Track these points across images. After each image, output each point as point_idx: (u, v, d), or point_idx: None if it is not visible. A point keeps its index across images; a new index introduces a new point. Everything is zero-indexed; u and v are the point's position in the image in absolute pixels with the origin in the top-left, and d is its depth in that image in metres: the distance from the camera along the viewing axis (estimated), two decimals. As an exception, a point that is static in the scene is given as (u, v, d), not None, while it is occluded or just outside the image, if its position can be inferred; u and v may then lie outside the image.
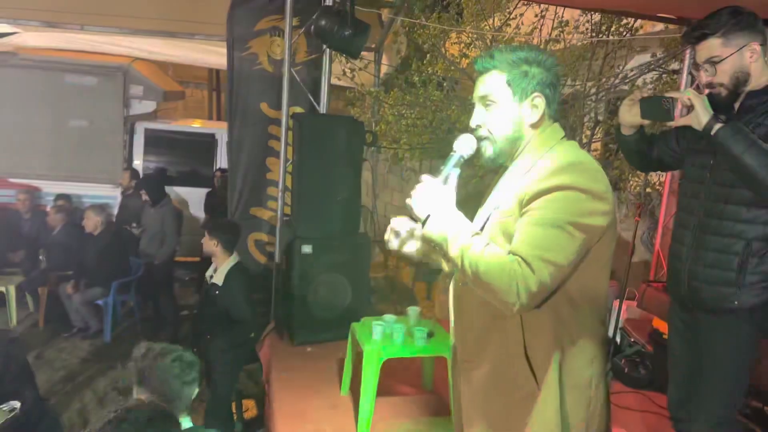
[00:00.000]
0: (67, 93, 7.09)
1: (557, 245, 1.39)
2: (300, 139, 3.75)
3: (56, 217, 6.29)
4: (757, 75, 1.98)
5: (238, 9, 4.42)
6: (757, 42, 1.96)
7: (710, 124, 1.91)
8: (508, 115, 1.56)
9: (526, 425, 1.52)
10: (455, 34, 6.64)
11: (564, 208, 1.41)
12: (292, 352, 3.77)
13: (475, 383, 1.61)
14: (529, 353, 1.51)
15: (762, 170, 1.83)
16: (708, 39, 1.98)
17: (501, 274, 1.39)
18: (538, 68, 1.55)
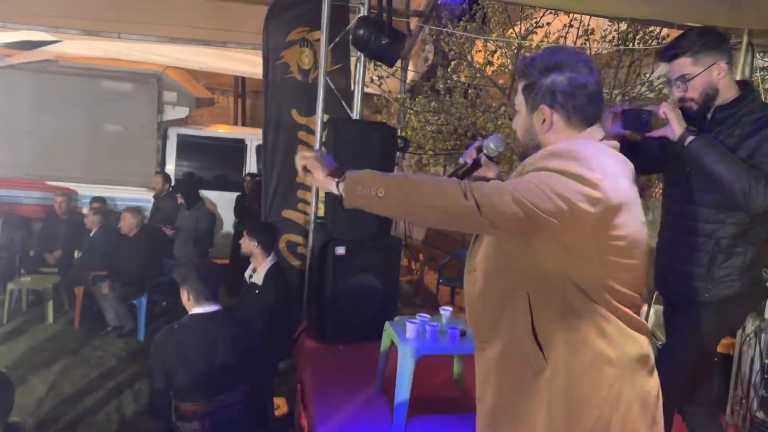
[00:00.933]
0: (103, 99, 7.33)
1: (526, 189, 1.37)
2: (335, 144, 3.88)
3: (93, 218, 6.49)
4: (725, 91, 2.16)
5: (272, 20, 4.58)
6: (724, 61, 2.15)
7: (683, 135, 2.10)
8: (524, 125, 1.62)
9: (535, 400, 1.56)
10: (481, 43, 6.75)
11: (546, 182, 1.38)
12: (325, 350, 3.88)
13: (488, 361, 1.67)
14: (537, 332, 1.54)
15: (730, 178, 2.01)
16: (680, 58, 2.16)
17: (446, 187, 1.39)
18: (552, 75, 1.53)
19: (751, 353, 3.15)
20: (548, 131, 1.56)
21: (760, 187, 1.99)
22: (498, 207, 1.36)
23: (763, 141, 2.06)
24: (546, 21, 6.13)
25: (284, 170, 4.71)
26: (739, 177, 2.01)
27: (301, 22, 4.57)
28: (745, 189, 2.00)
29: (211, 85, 11.80)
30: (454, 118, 6.87)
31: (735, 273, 2.17)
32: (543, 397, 1.55)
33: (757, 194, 1.99)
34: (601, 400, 1.54)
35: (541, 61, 1.55)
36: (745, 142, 2.09)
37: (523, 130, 1.62)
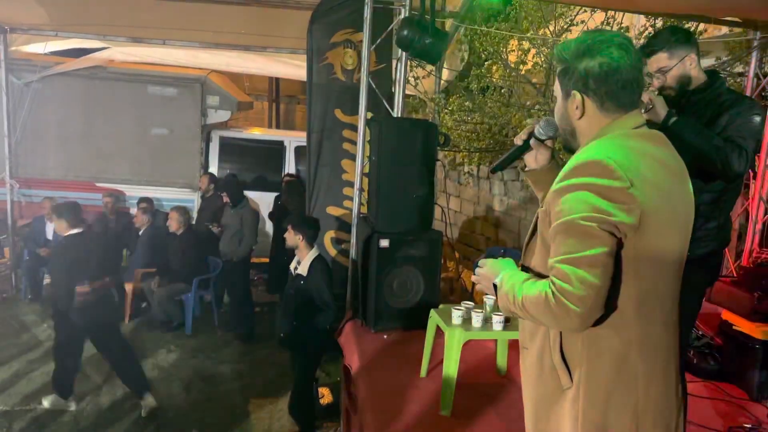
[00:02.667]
0: (149, 103, 7.62)
1: (576, 243, 1.41)
2: (379, 141, 4.02)
3: (142, 218, 6.77)
4: (696, 78, 2.53)
5: (316, 23, 4.75)
6: (694, 53, 2.51)
7: (667, 117, 2.41)
8: (560, 110, 1.64)
9: (564, 413, 1.56)
10: (515, 42, 6.83)
11: (577, 207, 1.42)
12: (371, 338, 4.02)
13: (528, 366, 1.71)
14: (564, 349, 1.55)
15: (710, 150, 2.34)
16: (657, 53, 2.51)
17: (539, 303, 1.45)
18: (585, 61, 1.52)
19: (794, 340, 3.20)
20: (582, 117, 1.57)
21: (734, 156, 2.33)
22: (592, 293, 1.39)
23: (732, 118, 2.41)
24: (580, 19, 6.18)
25: (330, 168, 4.87)
26: (717, 149, 2.34)
27: (345, 23, 4.73)
28: (722, 159, 2.34)
29: (247, 89, 12.11)
30: (488, 117, 6.97)
31: (711, 234, 2.51)
32: (570, 414, 1.55)
33: (732, 162, 2.33)
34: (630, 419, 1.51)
35: (576, 45, 1.55)
36: (717, 119, 2.44)
37: (559, 116, 1.64)
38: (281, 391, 4.96)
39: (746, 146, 2.35)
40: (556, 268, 1.43)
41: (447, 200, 9.45)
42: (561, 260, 1.43)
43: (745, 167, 2.38)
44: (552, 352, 1.57)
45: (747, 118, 2.41)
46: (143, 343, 5.94)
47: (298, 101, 14.29)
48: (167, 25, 6.69)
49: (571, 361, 1.54)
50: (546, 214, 1.57)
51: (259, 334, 6.19)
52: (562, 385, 1.55)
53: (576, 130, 1.61)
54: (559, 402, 1.57)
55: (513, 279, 1.58)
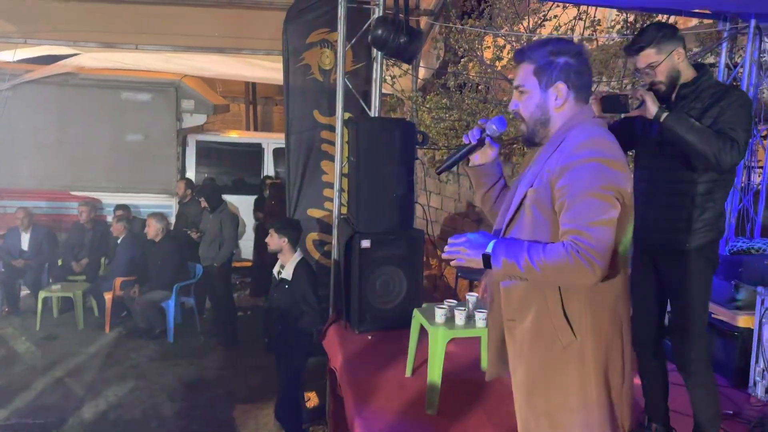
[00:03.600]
0: (123, 109, 7.53)
1: (598, 207, 1.61)
2: (357, 141, 4.01)
3: (118, 226, 6.67)
4: (685, 71, 2.54)
5: (291, 23, 4.69)
6: (681, 47, 2.52)
7: (659, 113, 2.44)
8: (536, 101, 1.80)
9: (567, 369, 1.75)
10: (490, 39, 6.86)
11: (590, 177, 1.63)
12: (355, 339, 4.00)
13: (519, 338, 1.82)
14: (566, 309, 1.73)
15: (702, 144, 2.37)
16: (645, 50, 2.52)
17: (564, 261, 1.59)
18: (563, 57, 1.76)
19: (771, 326, 3.25)
20: (561, 106, 1.79)
21: (726, 148, 2.36)
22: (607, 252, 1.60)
23: (722, 110, 2.44)
24: (554, 14, 6.23)
25: (309, 170, 4.83)
26: (709, 142, 2.37)
27: (321, 23, 4.67)
28: (715, 152, 2.36)
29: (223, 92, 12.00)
30: (465, 113, 6.99)
31: (708, 224, 2.54)
32: (575, 366, 1.74)
33: (725, 155, 2.36)
34: (619, 364, 1.78)
35: (552, 46, 1.79)
36: (707, 112, 2.46)
37: (534, 106, 1.80)
38: (267, 396, 4.92)
39: (738, 137, 2.37)
40: (579, 231, 1.60)
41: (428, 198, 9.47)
42: (585, 224, 1.60)
43: (738, 158, 2.40)
44: (552, 315, 1.73)
45: (738, 110, 2.43)
46: (125, 352, 5.87)
47: (275, 103, 14.21)
48: (139, 30, 6.62)
49: (573, 318, 1.72)
50: (541, 191, 1.73)
51: (243, 339, 6.15)
52: (563, 344, 1.72)
53: (550, 120, 1.80)
54: (561, 361, 1.74)
55: (513, 246, 1.69)
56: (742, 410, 3.16)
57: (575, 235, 1.60)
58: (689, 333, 2.55)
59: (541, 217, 1.74)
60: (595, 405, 1.74)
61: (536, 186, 1.75)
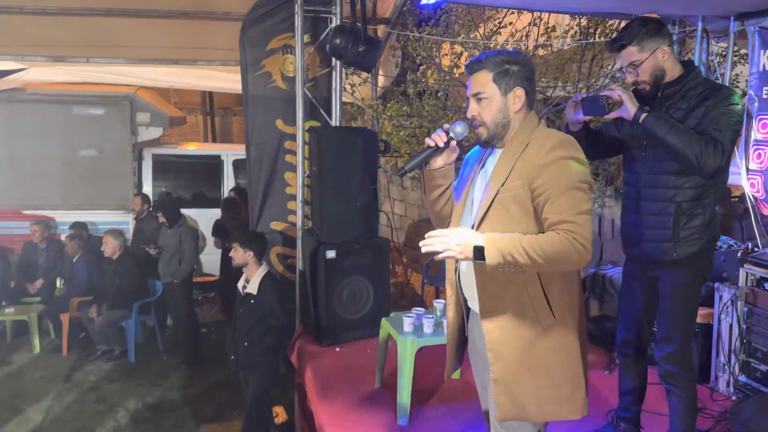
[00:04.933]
0: (75, 124, 7.29)
1: (580, 200, 1.80)
2: (319, 151, 3.97)
3: (72, 244, 6.47)
4: (671, 70, 2.42)
5: (249, 31, 4.61)
6: (666, 44, 2.39)
7: (638, 113, 2.34)
8: (497, 106, 1.93)
9: (549, 348, 1.90)
10: (447, 46, 6.92)
11: (569, 173, 1.81)
12: (323, 352, 3.95)
13: (497, 329, 1.92)
14: (547, 293, 1.88)
15: (683, 146, 2.26)
16: (627, 48, 2.41)
17: (563, 247, 1.75)
18: (517, 66, 1.92)
19: (729, 320, 3.34)
20: (519, 109, 1.94)
21: (709, 150, 2.24)
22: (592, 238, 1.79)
23: (708, 110, 2.32)
24: (508, 20, 6.31)
25: (272, 181, 4.74)
26: (690, 144, 2.25)
27: (282, 29, 4.54)
28: (696, 154, 2.24)
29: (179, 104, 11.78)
30: (426, 120, 7.01)
31: (697, 232, 2.42)
32: (560, 344, 1.91)
33: (707, 157, 2.24)
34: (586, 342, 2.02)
35: (505, 55, 1.95)
36: (692, 112, 2.35)
37: (496, 111, 1.93)
38: (234, 413, 4.82)
39: (722, 139, 2.24)
40: (569, 221, 1.76)
41: (392, 205, 9.48)
42: (573, 213, 1.77)
43: (722, 161, 2.26)
44: (533, 301, 1.88)
45: (723, 109, 2.29)
46: (84, 375, 5.67)
47: (234, 113, 14.01)
48: (90, 43, 6.42)
49: (553, 301, 1.88)
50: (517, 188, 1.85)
51: (208, 355, 6.01)
52: (543, 326, 1.88)
53: (511, 122, 1.95)
54: (542, 342, 1.89)
55: (506, 239, 1.78)
56: (707, 405, 3.22)
57: (567, 224, 1.76)
58: (674, 343, 2.50)
59: (518, 212, 1.86)
60: (580, 378, 1.94)
61: (510, 183, 1.87)
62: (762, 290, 3.17)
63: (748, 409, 2.65)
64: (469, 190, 2.04)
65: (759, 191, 4.31)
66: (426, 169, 2.04)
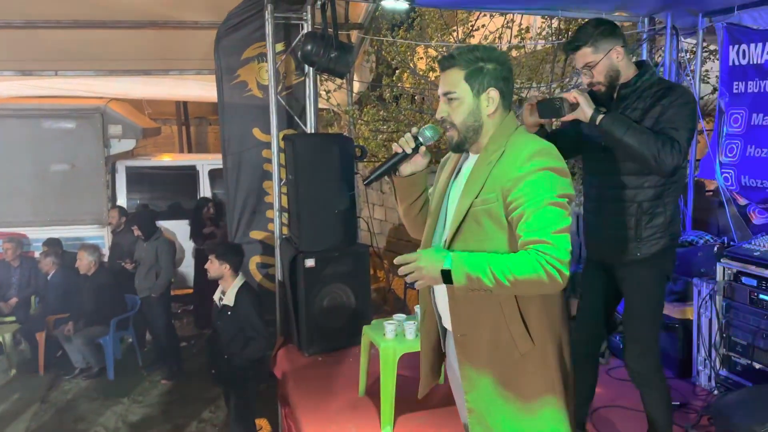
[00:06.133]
0: (46, 138, 7.14)
1: (557, 216, 1.61)
2: (294, 159, 3.93)
3: (46, 261, 6.31)
4: (625, 70, 2.42)
5: (223, 40, 4.56)
6: (620, 45, 2.39)
7: (594, 115, 2.32)
8: (468, 108, 1.76)
9: (528, 378, 1.75)
10: (422, 49, 6.92)
11: (546, 186, 1.63)
12: (306, 363, 3.91)
13: (473, 353, 1.78)
14: (524, 317, 1.73)
15: (640, 146, 2.25)
16: (581, 49, 2.40)
17: (534, 272, 1.56)
18: (492, 64, 1.75)
19: (708, 315, 3.36)
20: (493, 112, 1.77)
21: (666, 149, 2.24)
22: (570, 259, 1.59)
23: (664, 109, 2.32)
24: (481, 23, 6.33)
25: (251, 191, 4.69)
26: (648, 144, 2.24)
27: (257, 37, 4.51)
28: (654, 154, 2.24)
29: (153, 114, 11.64)
30: (403, 124, 7.00)
31: (659, 231, 2.42)
32: (538, 372, 1.76)
33: (665, 157, 2.24)
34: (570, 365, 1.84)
35: (480, 52, 1.77)
36: (649, 112, 2.35)
37: (467, 113, 1.76)
38: (216, 428, 4.74)
39: (679, 138, 2.26)
40: (542, 241, 1.58)
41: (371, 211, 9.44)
42: (549, 232, 1.58)
43: (680, 160, 2.27)
44: (510, 324, 1.72)
45: (679, 108, 2.31)
46: (62, 394, 5.53)
47: (209, 123, 13.87)
48: (58, 56, 6.31)
49: (531, 325, 1.73)
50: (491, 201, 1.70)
51: (188, 370, 5.90)
52: (521, 352, 1.73)
53: (483, 126, 1.78)
54: (523, 370, 1.74)
55: (474, 259, 1.62)
56: (689, 400, 3.24)
57: (539, 244, 1.57)
58: (641, 344, 2.49)
59: (492, 228, 1.71)
60: (562, 409, 1.79)
61: (484, 196, 1.72)
62: (739, 284, 3.19)
63: (730, 403, 2.66)
64: (442, 199, 1.88)
65: (732, 184, 4.36)
66: (396, 177, 1.90)
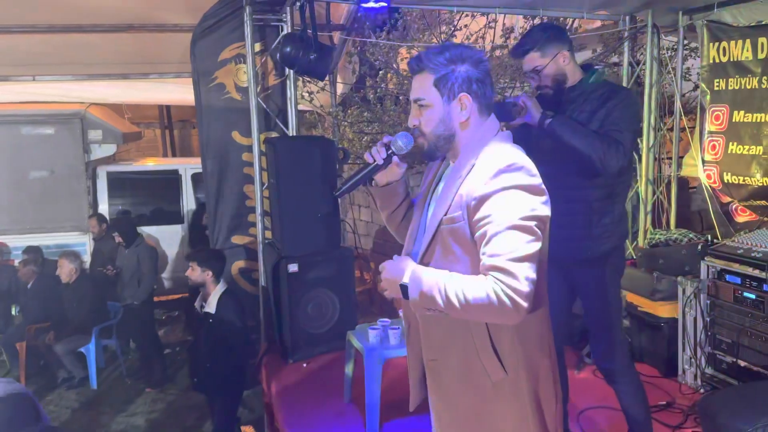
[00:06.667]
0: (24, 145, 7.02)
1: (519, 242, 1.47)
2: (276, 163, 3.88)
3: (26, 270, 6.21)
4: (572, 74, 2.48)
5: (199, 42, 4.50)
6: (566, 49, 2.45)
7: (542, 119, 2.37)
8: (439, 115, 1.63)
9: (501, 411, 1.62)
10: (405, 50, 6.89)
11: (512, 208, 1.49)
12: (290, 369, 3.86)
13: (443, 380, 1.68)
14: (495, 345, 1.60)
15: (587, 148, 2.30)
16: (529, 53, 2.45)
17: (486, 299, 1.44)
18: (464, 65, 1.60)
19: (693, 314, 3.35)
20: (466, 120, 1.64)
21: (611, 151, 2.29)
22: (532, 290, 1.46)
23: (609, 112, 2.38)
24: (464, 23, 6.31)
25: (233, 195, 4.62)
26: (593, 146, 2.29)
27: (234, 38, 4.43)
28: (600, 156, 2.29)
29: (135, 118, 11.50)
30: (387, 125, 6.97)
31: (609, 230, 2.47)
32: (509, 403, 1.62)
33: (610, 159, 2.29)
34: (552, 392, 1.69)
35: (450, 52, 1.61)
36: (595, 114, 2.40)
37: (438, 121, 1.63)
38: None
39: (623, 139, 2.31)
40: (500, 268, 1.45)
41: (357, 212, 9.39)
42: (507, 258, 1.45)
43: (624, 161, 2.34)
44: (481, 353, 1.60)
45: (622, 111, 2.37)
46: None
47: (193, 126, 13.73)
48: (35, 61, 6.20)
49: (503, 354, 1.59)
50: (458, 220, 1.58)
51: (173, 377, 5.83)
52: (493, 381, 1.60)
53: (456, 135, 1.65)
54: (494, 400, 1.61)
55: (431, 277, 1.54)
56: (675, 399, 3.23)
57: (497, 272, 1.45)
58: (608, 343, 2.52)
59: (459, 249, 1.60)
60: None
61: (451, 214, 1.60)
62: (723, 282, 3.19)
63: (717, 402, 2.64)
64: (423, 209, 1.77)
65: (715, 182, 4.37)
66: (372, 187, 1.81)
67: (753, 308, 3.02)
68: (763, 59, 3.92)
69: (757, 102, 3.97)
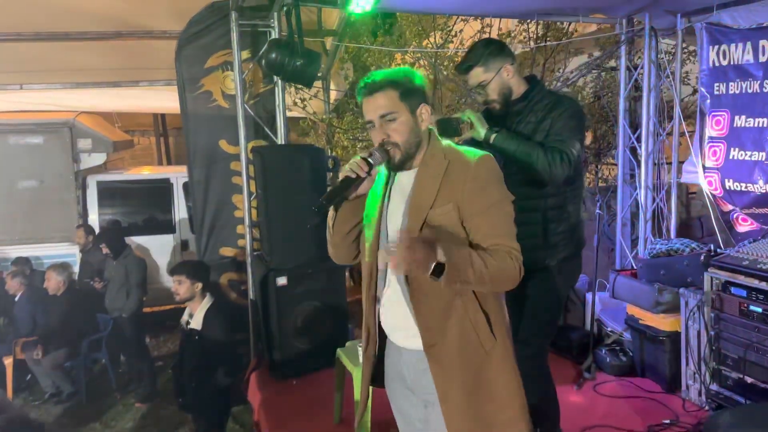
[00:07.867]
0: (12, 154, 6.90)
1: (511, 219, 1.82)
2: (263, 172, 3.76)
3: (13, 282, 6.07)
4: (516, 87, 2.52)
5: (185, 49, 4.39)
6: (509, 63, 2.49)
7: (487, 134, 2.42)
8: (410, 125, 1.81)
9: (494, 375, 1.82)
10: (399, 56, 6.79)
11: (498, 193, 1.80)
12: (279, 388, 3.73)
13: (446, 359, 1.80)
14: (486, 311, 1.81)
15: (532, 161, 2.36)
16: (473, 69, 2.49)
17: (512, 267, 1.74)
18: (415, 81, 1.83)
19: (697, 327, 3.22)
20: (426, 127, 1.86)
21: (556, 161, 2.35)
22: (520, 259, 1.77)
23: (553, 122, 2.43)
24: (459, 28, 6.21)
25: (219, 205, 4.51)
26: (538, 158, 2.35)
27: (220, 45, 4.34)
28: (545, 167, 2.34)
29: (129, 126, 11.39)
30: (382, 132, 6.85)
31: (565, 238, 2.52)
32: (503, 365, 1.84)
33: (555, 168, 2.35)
34: None
35: (402, 72, 1.84)
36: (541, 124, 2.45)
37: (409, 130, 1.81)
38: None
39: (567, 149, 2.36)
40: (507, 241, 1.77)
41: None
42: (508, 233, 1.78)
43: (570, 170, 2.38)
44: (475, 324, 1.79)
45: (566, 121, 2.41)
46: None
47: (188, 133, 13.65)
48: (23, 69, 6.12)
49: (493, 320, 1.81)
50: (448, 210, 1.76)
51: (164, 390, 5.68)
52: (486, 349, 1.80)
53: (422, 141, 1.85)
54: (491, 367, 1.81)
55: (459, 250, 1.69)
56: (679, 417, 3.10)
57: (505, 243, 1.75)
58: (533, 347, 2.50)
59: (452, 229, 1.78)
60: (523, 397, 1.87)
61: (438, 206, 1.77)
62: (728, 294, 3.05)
63: (724, 424, 2.52)
64: (380, 220, 1.87)
65: (717, 189, 4.25)
66: (350, 199, 1.87)
67: (760, 322, 2.88)
68: (765, 62, 3.81)
69: (759, 106, 3.86)
